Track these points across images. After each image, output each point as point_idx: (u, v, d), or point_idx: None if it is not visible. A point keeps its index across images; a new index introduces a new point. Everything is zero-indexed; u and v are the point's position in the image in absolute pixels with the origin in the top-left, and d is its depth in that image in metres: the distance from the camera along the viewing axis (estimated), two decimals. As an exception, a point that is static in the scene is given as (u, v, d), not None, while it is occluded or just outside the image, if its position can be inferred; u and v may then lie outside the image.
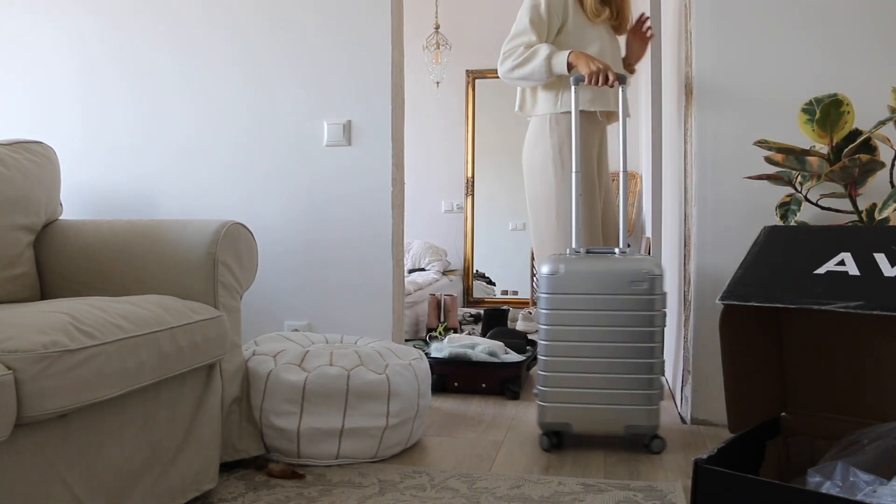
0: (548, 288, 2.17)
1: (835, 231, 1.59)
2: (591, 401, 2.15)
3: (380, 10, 2.66)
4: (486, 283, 5.41)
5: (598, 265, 2.16)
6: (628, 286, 2.12)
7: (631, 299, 2.12)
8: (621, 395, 2.14)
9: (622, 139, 2.41)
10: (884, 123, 1.90)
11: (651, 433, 2.16)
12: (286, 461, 2.01)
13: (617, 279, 2.12)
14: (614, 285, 2.12)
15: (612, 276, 2.13)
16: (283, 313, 2.73)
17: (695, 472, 1.33)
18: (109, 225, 2.02)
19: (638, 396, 2.13)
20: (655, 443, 2.17)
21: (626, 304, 2.12)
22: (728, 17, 2.39)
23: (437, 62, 5.18)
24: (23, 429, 1.25)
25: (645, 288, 2.11)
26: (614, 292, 2.12)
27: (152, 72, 2.85)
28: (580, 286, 2.14)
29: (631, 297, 2.12)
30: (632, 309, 2.12)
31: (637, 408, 2.14)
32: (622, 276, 2.12)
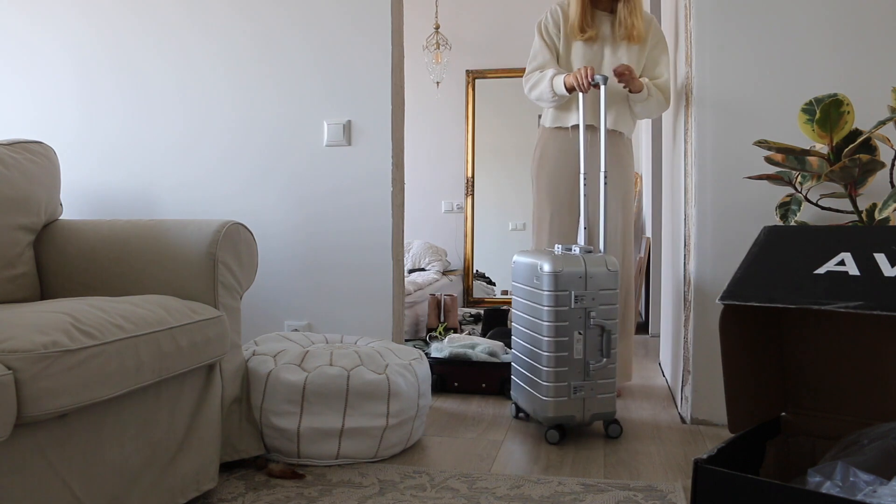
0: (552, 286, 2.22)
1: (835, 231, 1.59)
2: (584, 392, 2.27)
3: (380, 10, 2.66)
4: (486, 283, 5.40)
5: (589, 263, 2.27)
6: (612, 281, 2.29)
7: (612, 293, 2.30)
8: (600, 384, 2.28)
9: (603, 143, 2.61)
10: (884, 123, 1.90)
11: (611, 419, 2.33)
12: (286, 461, 2.01)
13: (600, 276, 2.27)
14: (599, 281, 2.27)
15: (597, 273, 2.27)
16: (283, 313, 2.73)
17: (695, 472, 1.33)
18: (109, 225, 2.02)
19: (610, 385, 2.30)
20: (611, 427, 2.34)
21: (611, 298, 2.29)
22: (728, 17, 2.39)
23: (437, 62, 5.18)
24: (23, 429, 1.25)
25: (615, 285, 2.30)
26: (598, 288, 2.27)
27: (148, 72, 2.85)
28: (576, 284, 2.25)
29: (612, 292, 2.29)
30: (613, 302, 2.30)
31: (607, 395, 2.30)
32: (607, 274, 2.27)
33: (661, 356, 3.55)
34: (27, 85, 2.95)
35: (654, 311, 4.36)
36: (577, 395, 2.25)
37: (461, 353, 2.94)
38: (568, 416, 2.25)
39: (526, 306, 2.37)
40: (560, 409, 2.24)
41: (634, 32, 2.82)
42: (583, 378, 2.25)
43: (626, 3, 2.82)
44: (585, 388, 2.26)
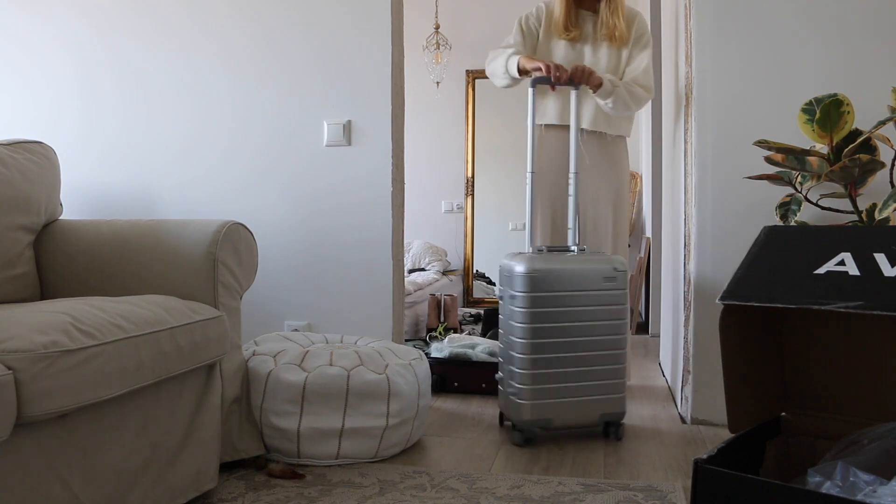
0: (525, 287, 2.21)
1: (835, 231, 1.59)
2: (570, 394, 2.24)
3: (380, 10, 2.66)
4: (486, 283, 5.40)
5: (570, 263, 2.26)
6: (601, 282, 2.26)
7: (603, 294, 2.26)
8: (597, 386, 2.26)
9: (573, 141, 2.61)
10: (884, 123, 1.90)
11: (620, 420, 2.30)
12: (286, 461, 2.01)
13: (589, 276, 2.25)
14: (587, 282, 2.25)
15: (584, 273, 2.25)
16: (283, 313, 2.73)
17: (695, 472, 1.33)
18: (109, 225, 2.02)
19: (610, 386, 2.27)
20: (621, 430, 2.30)
21: (601, 299, 2.26)
22: (728, 17, 2.39)
23: (437, 62, 5.18)
24: (23, 429, 1.25)
25: (616, 283, 2.27)
26: (588, 288, 2.25)
27: (148, 72, 2.85)
28: (556, 284, 2.22)
29: (603, 293, 2.26)
30: (605, 303, 2.26)
31: (610, 396, 2.27)
32: (595, 273, 2.25)
33: (661, 356, 3.55)
34: (27, 85, 2.95)
35: (654, 311, 4.36)
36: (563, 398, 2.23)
37: (461, 353, 2.94)
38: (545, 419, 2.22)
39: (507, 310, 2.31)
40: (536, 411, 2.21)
41: (616, 33, 2.82)
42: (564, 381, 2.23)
43: (609, 4, 2.83)
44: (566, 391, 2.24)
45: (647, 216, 4.85)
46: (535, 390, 2.21)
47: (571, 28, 2.86)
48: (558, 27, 2.87)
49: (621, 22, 2.81)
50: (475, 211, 5.38)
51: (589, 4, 2.89)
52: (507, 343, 2.30)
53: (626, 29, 2.83)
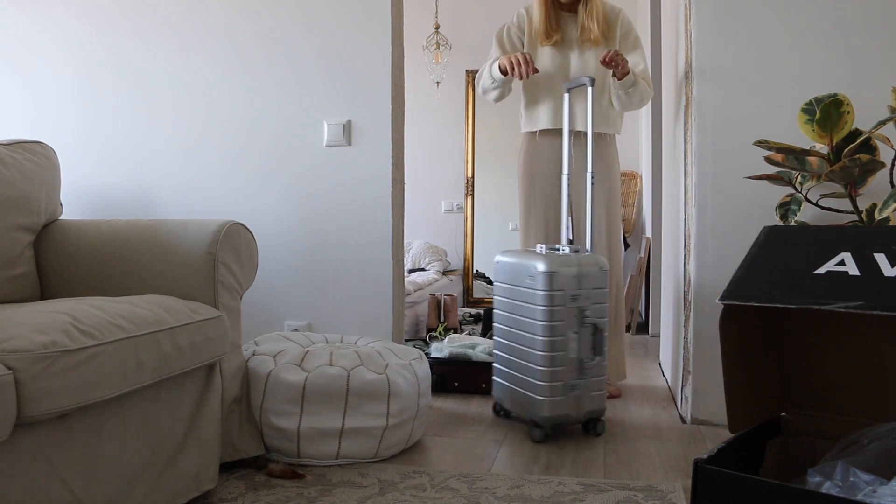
0: (547, 285, 2.23)
1: (835, 231, 1.59)
2: (581, 389, 2.29)
3: (380, 10, 2.66)
4: (486, 283, 5.40)
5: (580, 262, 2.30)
6: (601, 280, 2.32)
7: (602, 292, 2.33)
8: (593, 382, 2.31)
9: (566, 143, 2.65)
10: (884, 123, 1.90)
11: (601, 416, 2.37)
12: (286, 461, 2.01)
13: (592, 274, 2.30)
14: (591, 280, 2.30)
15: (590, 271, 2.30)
16: (283, 313, 2.73)
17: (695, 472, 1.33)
18: (109, 225, 2.02)
19: (600, 382, 2.34)
20: (600, 425, 2.36)
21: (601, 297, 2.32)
22: (728, 17, 2.39)
23: (437, 62, 5.18)
24: (23, 429, 1.25)
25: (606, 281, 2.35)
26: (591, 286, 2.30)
27: (148, 72, 2.85)
28: (572, 282, 2.26)
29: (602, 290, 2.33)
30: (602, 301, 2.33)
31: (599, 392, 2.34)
32: (596, 271, 2.31)
33: (661, 356, 3.55)
34: (27, 85, 2.95)
35: (654, 311, 4.36)
36: (573, 393, 2.26)
37: (461, 353, 2.94)
38: (563, 414, 2.26)
39: (514, 306, 2.38)
40: (555, 408, 2.25)
41: (591, 36, 2.81)
42: (577, 377, 2.27)
43: (586, 6, 2.82)
44: (580, 386, 2.27)
45: (647, 216, 4.85)
46: (554, 387, 2.24)
47: (552, 33, 2.85)
48: (539, 33, 2.87)
49: (595, 25, 2.80)
50: (475, 211, 5.38)
51: (569, 7, 2.88)
52: (522, 340, 2.31)
53: (606, 29, 2.82)
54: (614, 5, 2.91)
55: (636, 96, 2.80)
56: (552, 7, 2.86)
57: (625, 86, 2.75)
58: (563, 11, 2.89)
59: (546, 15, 2.84)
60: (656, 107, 4.11)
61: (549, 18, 2.85)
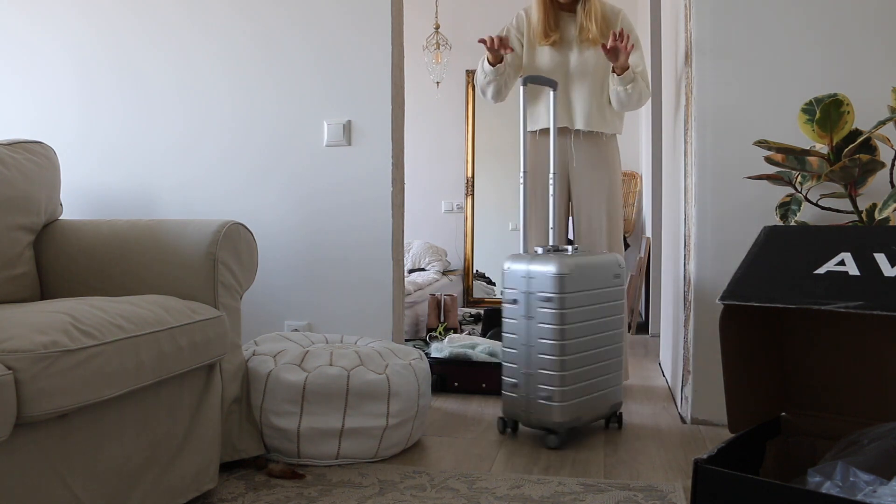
0: (557, 288, 2.20)
1: (835, 231, 1.59)
2: (593, 390, 2.30)
3: (380, 10, 2.66)
4: (486, 283, 5.40)
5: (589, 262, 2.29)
6: (611, 279, 2.33)
7: (612, 291, 2.35)
8: (609, 379, 2.35)
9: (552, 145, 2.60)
10: (884, 123, 1.90)
11: (619, 409, 2.43)
12: (286, 461, 2.01)
13: (603, 274, 2.31)
14: (602, 280, 2.31)
15: (601, 271, 2.31)
16: (283, 313, 2.73)
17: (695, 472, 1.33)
18: (109, 225, 2.02)
19: (619, 377, 2.39)
20: (621, 418, 2.43)
21: (611, 296, 2.34)
22: (728, 17, 2.39)
23: (437, 62, 5.18)
24: (23, 429, 1.25)
25: (620, 280, 2.37)
26: (602, 286, 2.31)
27: (148, 72, 2.85)
28: (582, 284, 2.26)
29: (612, 290, 2.34)
30: (613, 300, 2.35)
31: (617, 388, 2.38)
32: (607, 271, 2.32)
33: (661, 356, 3.55)
34: (27, 85, 2.95)
35: (654, 311, 4.36)
36: (586, 396, 2.26)
37: (461, 353, 2.94)
38: (576, 417, 2.24)
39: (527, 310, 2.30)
40: (567, 412, 2.22)
41: (590, 36, 2.81)
42: (589, 378, 2.26)
43: (584, 6, 2.83)
44: (592, 388, 2.27)
45: (647, 216, 4.85)
46: (565, 391, 2.21)
47: (551, 33, 2.85)
48: (538, 34, 2.87)
49: (594, 25, 2.80)
50: (475, 211, 5.38)
51: (568, 7, 2.88)
52: (531, 346, 2.25)
53: (605, 29, 2.82)
54: (614, 5, 2.91)
55: (635, 94, 2.79)
56: (551, 7, 2.86)
57: (624, 82, 2.74)
58: (562, 11, 2.89)
59: (545, 15, 2.85)
60: (656, 107, 4.11)
61: (547, 18, 2.85)
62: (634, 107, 2.89)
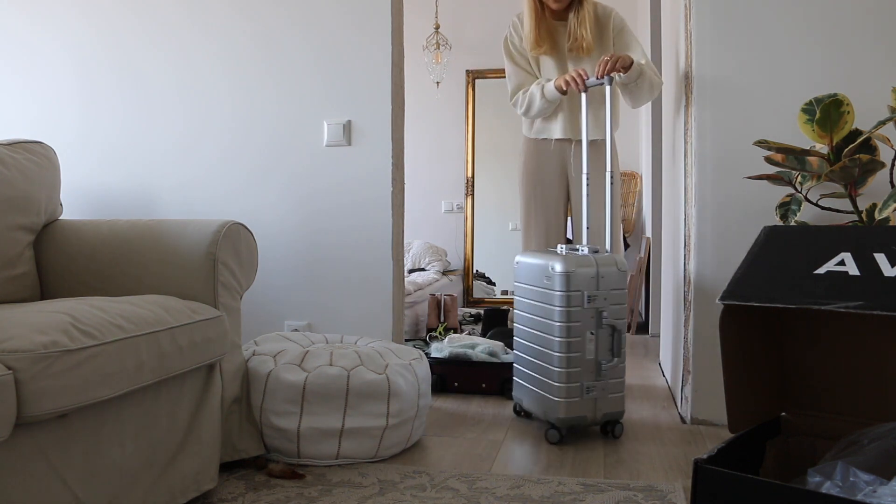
0: (565, 286, 2.22)
1: (835, 231, 1.59)
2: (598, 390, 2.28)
3: (380, 10, 2.65)
4: (486, 283, 5.40)
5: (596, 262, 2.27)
6: (622, 281, 2.30)
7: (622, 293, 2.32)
8: (611, 383, 2.29)
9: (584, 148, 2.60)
10: (884, 123, 1.90)
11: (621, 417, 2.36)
12: (286, 461, 2.01)
13: (609, 274, 2.28)
14: (608, 281, 2.28)
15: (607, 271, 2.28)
16: (283, 313, 2.73)
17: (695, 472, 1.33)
18: (109, 225, 2.02)
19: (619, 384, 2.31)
20: (618, 427, 2.35)
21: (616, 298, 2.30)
22: (728, 17, 2.39)
23: (437, 62, 5.18)
24: (23, 429, 1.25)
25: (623, 281, 2.32)
26: (608, 287, 2.29)
27: (148, 72, 2.85)
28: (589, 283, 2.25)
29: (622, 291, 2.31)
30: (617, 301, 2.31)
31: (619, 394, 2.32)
32: (612, 272, 2.29)
33: (661, 356, 3.55)
34: (27, 85, 2.95)
35: (654, 311, 4.36)
36: (590, 395, 2.25)
37: (461, 353, 2.94)
38: (580, 416, 2.25)
39: (532, 306, 2.37)
40: (572, 409, 2.24)
41: (584, 45, 2.78)
42: (595, 378, 2.26)
43: (577, 14, 2.79)
44: (597, 387, 2.26)
45: (647, 216, 4.85)
46: (570, 388, 2.23)
47: (542, 43, 2.82)
48: (529, 42, 2.85)
49: (588, 33, 2.77)
50: (475, 211, 5.38)
51: (559, 14, 2.85)
52: (540, 341, 2.31)
53: (598, 35, 2.80)
54: (606, 5, 2.89)
55: (645, 86, 2.71)
56: (542, 15, 2.83)
57: (632, 77, 2.67)
58: (554, 20, 2.86)
59: (536, 23, 2.81)
60: (656, 107, 4.11)
61: (538, 27, 2.81)
62: (647, 98, 2.82)
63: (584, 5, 2.79)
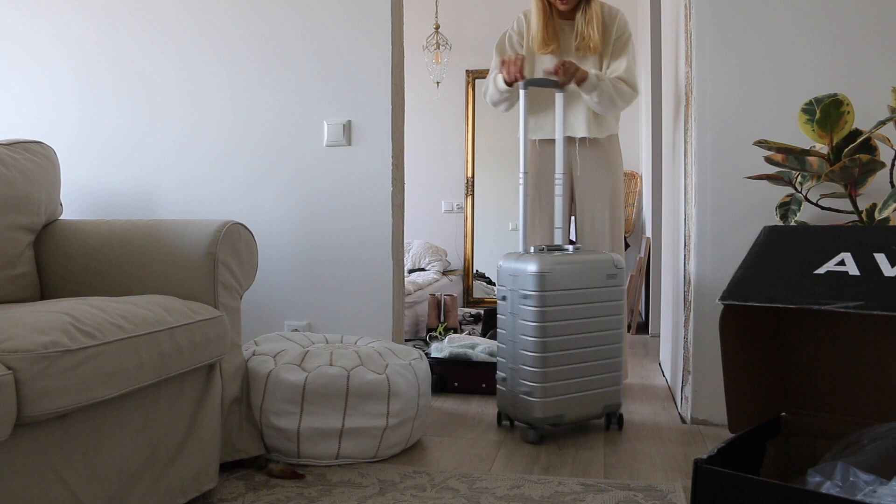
0: (537, 286, 2.22)
1: (835, 231, 1.59)
2: (578, 389, 2.29)
3: (380, 10, 2.65)
4: (486, 283, 5.40)
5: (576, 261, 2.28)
6: (604, 279, 2.31)
7: (605, 291, 2.32)
8: (601, 379, 2.33)
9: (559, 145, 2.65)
10: (884, 123, 1.90)
11: (618, 410, 2.40)
12: (286, 461, 2.01)
13: (594, 272, 2.29)
14: (592, 279, 2.29)
15: (590, 270, 2.29)
16: (283, 313, 2.73)
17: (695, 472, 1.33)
18: (109, 225, 2.02)
19: (612, 378, 2.35)
20: (622, 419, 2.40)
21: (603, 296, 2.32)
22: (728, 17, 2.39)
23: (437, 62, 5.18)
24: (23, 429, 1.25)
25: (616, 280, 2.34)
26: (593, 286, 2.28)
27: (148, 72, 2.85)
28: (566, 282, 2.25)
29: (605, 289, 2.32)
30: (607, 299, 2.33)
31: (612, 389, 2.35)
32: (599, 270, 2.30)
33: (661, 356, 3.55)
34: (27, 85, 2.95)
35: (654, 311, 4.36)
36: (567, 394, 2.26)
37: (461, 353, 2.94)
38: (556, 415, 2.25)
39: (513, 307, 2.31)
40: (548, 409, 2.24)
41: (591, 44, 2.79)
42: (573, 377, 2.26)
43: (584, 14, 2.80)
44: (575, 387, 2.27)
45: (647, 216, 4.85)
46: (546, 388, 2.23)
47: (550, 42, 2.84)
48: (536, 42, 2.86)
49: (595, 33, 2.78)
50: (475, 211, 5.38)
51: (568, 14, 2.86)
52: (516, 342, 2.30)
53: (604, 35, 2.81)
54: (612, 7, 2.90)
55: (605, 100, 2.72)
56: (550, 15, 2.84)
57: (588, 90, 2.70)
58: (562, 19, 2.88)
59: (544, 23, 2.83)
60: (656, 107, 4.11)
61: (546, 27, 2.83)
62: (611, 110, 2.82)
63: (592, 5, 2.81)
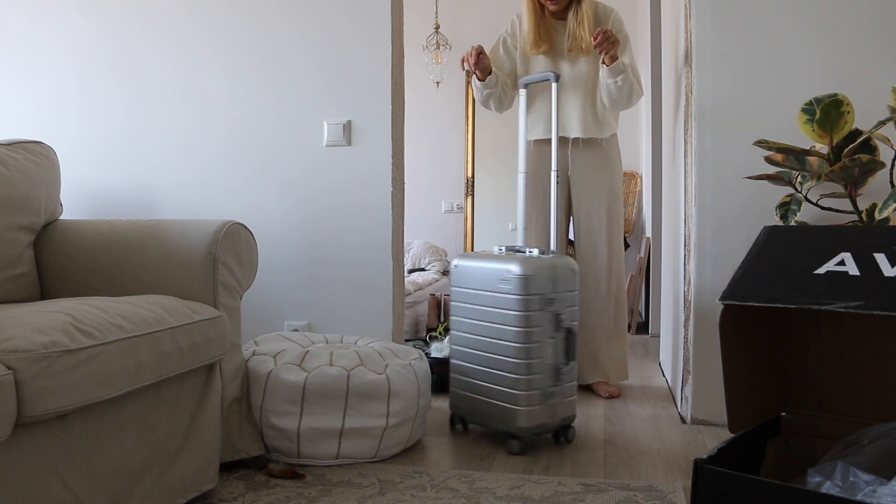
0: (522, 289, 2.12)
1: (835, 231, 1.59)
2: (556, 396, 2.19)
3: (380, 10, 2.65)
4: (486, 283, 5.39)
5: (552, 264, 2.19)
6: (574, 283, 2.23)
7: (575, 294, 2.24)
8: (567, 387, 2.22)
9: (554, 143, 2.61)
10: (884, 123, 1.90)
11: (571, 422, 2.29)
12: (286, 461, 2.01)
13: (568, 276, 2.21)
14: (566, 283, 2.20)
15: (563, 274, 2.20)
16: (283, 313, 2.73)
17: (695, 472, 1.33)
18: (109, 225, 2.02)
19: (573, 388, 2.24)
20: (571, 432, 2.29)
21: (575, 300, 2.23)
22: (728, 17, 2.39)
23: (437, 62, 5.18)
24: (23, 429, 1.25)
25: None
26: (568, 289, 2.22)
27: (148, 72, 2.85)
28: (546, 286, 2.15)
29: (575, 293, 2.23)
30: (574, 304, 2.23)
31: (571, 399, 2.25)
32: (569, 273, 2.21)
33: (661, 356, 3.55)
34: (27, 85, 2.95)
35: (654, 311, 4.36)
36: (549, 401, 2.16)
37: (461, 353, 2.93)
38: (540, 423, 2.16)
39: (481, 311, 2.24)
40: (533, 417, 2.14)
41: (583, 45, 2.78)
42: (553, 383, 2.17)
43: (576, 15, 2.80)
44: (556, 393, 2.17)
45: (647, 216, 4.85)
46: (530, 396, 2.13)
47: (541, 42, 2.83)
48: (528, 43, 2.86)
49: (587, 34, 2.77)
50: (475, 211, 5.38)
51: (559, 15, 2.86)
52: (492, 348, 2.20)
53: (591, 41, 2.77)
54: (607, 6, 2.90)
55: (625, 87, 2.70)
56: (541, 16, 2.84)
57: (614, 73, 2.66)
58: (554, 20, 2.87)
59: (535, 24, 2.82)
60: (656, 107, 4.11)
61: (538, 27, 2.83)
62: (625, 103, 2.80)
63: (583, 5, 2.79)
